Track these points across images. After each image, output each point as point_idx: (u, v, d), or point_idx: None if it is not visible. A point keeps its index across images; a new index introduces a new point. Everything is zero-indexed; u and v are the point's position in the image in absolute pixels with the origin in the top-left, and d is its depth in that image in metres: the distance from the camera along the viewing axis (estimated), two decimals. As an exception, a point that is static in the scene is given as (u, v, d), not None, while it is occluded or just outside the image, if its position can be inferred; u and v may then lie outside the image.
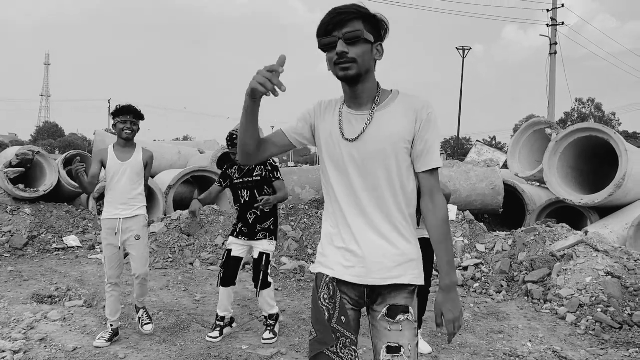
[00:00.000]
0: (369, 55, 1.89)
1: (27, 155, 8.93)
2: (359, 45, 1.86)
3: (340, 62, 1.86)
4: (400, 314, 1.94)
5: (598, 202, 8.34)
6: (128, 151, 4.29)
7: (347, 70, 1.86)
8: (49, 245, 8.09)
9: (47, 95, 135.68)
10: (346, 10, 1.87)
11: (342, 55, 1.85)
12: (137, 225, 4.33)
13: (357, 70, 1.86)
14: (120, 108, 4.22)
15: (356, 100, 1.96)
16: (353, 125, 1.95)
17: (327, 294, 1.97)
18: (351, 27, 1.85)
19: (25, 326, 4.51)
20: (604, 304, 5.22)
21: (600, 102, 60.15)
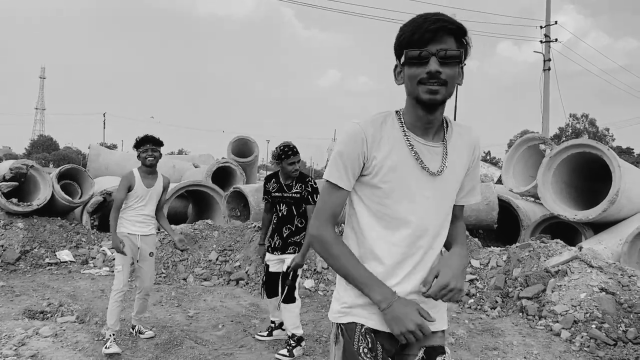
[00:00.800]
0: (456, 80, 1.65)
1: (21, 169, 8.89)
2: (453, 66, 1.61)
3: (430, 82, 1.60)
4: (438, 356, 1.80)
5: (592, 218, 8.37)
6: (152, 178, 4.74)
7: (436, 94, 1.61)
8: (42, 259, 8.02)
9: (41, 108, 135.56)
10: (444, 23, 1.60)
11: (434, 76, 1.59)
12: (152, 242, 4.84)
13: (444, 96, 1.63)
14: (140, 140, 4.66)
15: (428, 128, 1.73)
16: (432, 157, 1.73)
17: (366, 347, 1.71)
18: (448, 43, 1.60)
19: (16, 342, 4.46)
20: (599, 320, 5.22)
21: (594, 118, 60.64)
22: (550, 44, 24.70)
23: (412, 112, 1.72)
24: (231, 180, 12.13)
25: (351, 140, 1.70)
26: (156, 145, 4.69)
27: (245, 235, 8.20)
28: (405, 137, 1.72)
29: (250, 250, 7.73)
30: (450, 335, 5.19)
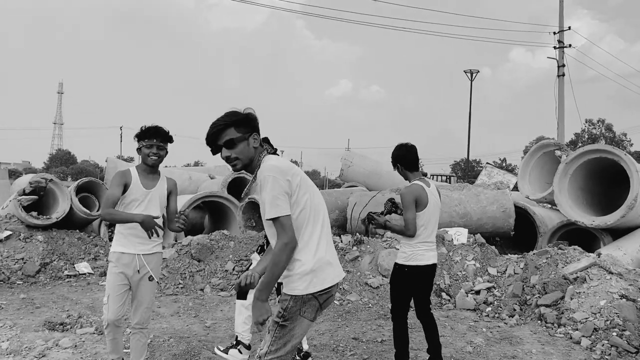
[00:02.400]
0: (246, 149, 2.61)
1: (40, 183, 9.04)
2: (236, 146, 2.59)
3: (229, 162, 2.63)
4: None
5: (610, 224, 8.27)
6: (153, 178, 3.82)
7: (235, 166, 2.64)
8: (61, 272, 8.13)
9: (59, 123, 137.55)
10: (219, 124, 2.59)
11: (228, 159, 2.61)
12: (154, 263, 3.85)
13: (242, 164, 2.63)
14: (145, 130, 3.73)
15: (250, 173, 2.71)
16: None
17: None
18: (225, 136, 2.58)
19: (36, 354, 4.53)
20: (619, 327, 5.15)
21: (610, 123, 59.94)
22: (564, 49, 24.55)
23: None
24: (246, 191, 12.17)
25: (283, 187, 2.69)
26: (164, 142, 3.78)
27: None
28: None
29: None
30: (468, 344, 5.15)
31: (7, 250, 8.13)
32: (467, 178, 37.57)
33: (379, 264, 7.53)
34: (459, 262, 7.35)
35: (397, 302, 4.24)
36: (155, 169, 3.85)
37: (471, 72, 32.49)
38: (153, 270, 3.82)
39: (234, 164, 2.61)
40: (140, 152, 3.76)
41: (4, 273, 7.68)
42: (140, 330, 3.89)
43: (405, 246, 4.16)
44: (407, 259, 4.12)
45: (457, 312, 6.38)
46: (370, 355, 4.87)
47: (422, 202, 4.08)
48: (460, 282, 7.03)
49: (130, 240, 3.72)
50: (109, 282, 3.77)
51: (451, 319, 6.11)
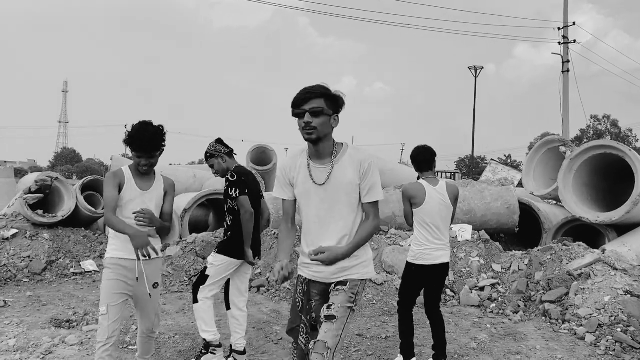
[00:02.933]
0: (327, 125, 2.69)
1: (46, 182, 9.09)
2: (320, 117, 2.65)
3: (306, 129, 2.66)
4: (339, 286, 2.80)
5: (615, 220, 8.25)
6: (148, 179, 3.57)
7: (311, 134, 2.67)
8: (67, 270, 8.18)
9: (64, 121, 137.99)
10: (313, 90, 2.66)
11: (307, 125, 2.65)
12: (156, 270, 3.61)
13: (317, 135, 2.68)
14: (131, 141, 3.39)
15: (318, 154, 2.76)
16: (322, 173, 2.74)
17: (301, 290, 2.93)
18: (314, 103, 2.64)
19: (43, 351, 4.57)
20: (624, 323, 5.15)
21: (616, 119, 59.63)
22: (569, 45, 24.46)
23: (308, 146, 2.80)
24: (251, 189, 12.19)
25: (281, 170, 2.91)
26: (153, 152, 3.45)
27: (265, 243, 8.26)
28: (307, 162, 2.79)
29: (271, 257, 7.78)
30: (472, 340, 5.16)
31: (14, 248, 8.18)
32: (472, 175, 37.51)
33: (383, 261, 7.54)
34: (463, 258, 7.35)
35: (404, 295, 4.37)
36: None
37: (475, 68, 32.39)
38: (155, 277, 3.58)
39: (310, 133, 2.65)
40: (133, 159, 3.51)
41: (11, 271, 7.73)
42: (150, 335, 3.73)
43: (415, 245, 4.29)
44: (415, 258, 4.25)
45: (462, 309, 6.39)
46: (374, 351, 4.89)
47: (417, 200, 4.22)
48: (464, 279, 7.04)
49: (128, 245, 3.33)
50: (106, 290, 3.41)
51: (455, 315, 6.11)
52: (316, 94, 2.65)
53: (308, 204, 2.79)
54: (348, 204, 2.74)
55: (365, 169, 2.73)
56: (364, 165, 2.73)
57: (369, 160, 2.74)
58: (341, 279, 2.78)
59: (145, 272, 3.47)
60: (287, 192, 2.86)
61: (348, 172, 2.72)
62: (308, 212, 2.80)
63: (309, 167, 2.77)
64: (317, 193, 2.74)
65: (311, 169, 2.76)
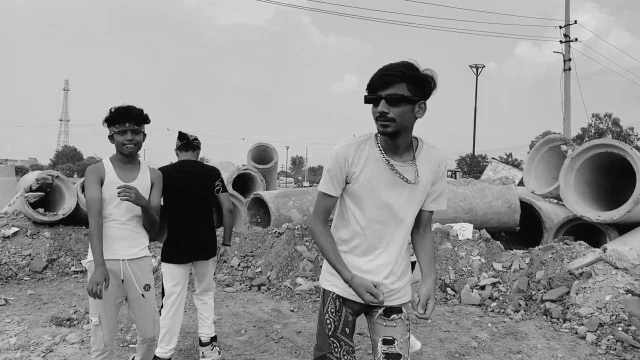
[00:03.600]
0: (408, 115, 2.14)
1: (47, 180, 9.09)
2: (400, 106, 2.10)
3: (380, 119, 2.13)
4: (394, 314, 2.38)
5: (616, 219, 8.24)
6: (132, 169, 3.23)
7: (386, 127, 2.14)
8: (68, 268, 8.18)
9: (65, 120, 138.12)
10: (393, 72, 2.09)
11: (382, 114, 2.11)
12: (144, 270, 3.26)
13: (395, 129, 2.14)
14: (114, 113, 3.11)
15: (394, 149, 2.26)
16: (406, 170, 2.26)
17: (333, 308, 2.38)
18: (394, 88, 2.09)
19: (44, 349, 4.57)
20: (625, 322, 5.14)
21: (617, 117, 59.62)
22: (571, 43, 24.42)
23: (382, 139, 2.27)
24: (251, 187, 12.22)
25: (335, 159, 2.28)
26: (139, 124, 3.15)
27: (266, 241, 8.26)
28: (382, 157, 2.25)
29: (272, 255, 7.78)
30: (473, 339, 5.16)
31: (15, 246, 8.19)
32: (473, 173, 37.49)
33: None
34: (464, 257, 7.35)
35: None
36: (132, 158, 3.22)
37: (477, 66, 32.34)
38: (145, 278, 3.25)
39: (385, 125, 2.13)
40: (113, 140, 3.15)
41: (12, 269, 7.74)
42: (150, 345, 3.42)
43: None
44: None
45: (462, 308, 6.39)
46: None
47: None
48: (465, 278, 7.03)
49: (113, 242, 3.11)
50: (94, 302, 3.08)
51: (456, 314, 6.11)
52: (397, 77, 2.09)
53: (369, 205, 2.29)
54: (416, 210, 2.35)
55: (442, 171, 2.35)
56: (441, 166, 2.34)
57: (445, 161, 2.37)
58: (394, 303, 2.37)
59: (132, 272, 3.17)
60: (338, 188, 2.31)
61: (425, 173, 2.29)
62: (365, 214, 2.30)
63: (388, 162, 2.24)
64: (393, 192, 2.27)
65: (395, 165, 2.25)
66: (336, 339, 2.33)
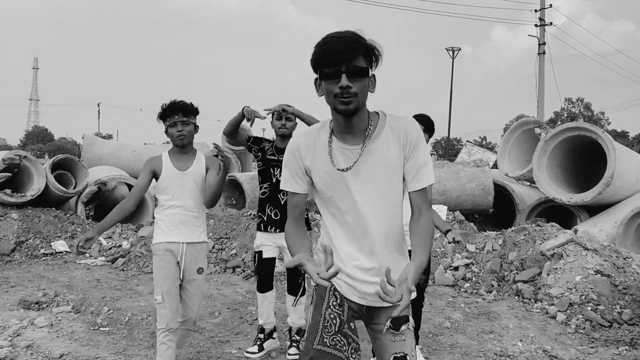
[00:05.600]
0: (367, 89, 1.92)
1: (14, 160, 8.83)
2: (362, 79, 1.87)
3: (343, 96, 1.86)
4: (403, 324, 2.07)
5: (587, 200, 8.38)
6: (187, 159, 3.45)
7: (349, 104, 1.87)
8: (37, 250, 8.00)
9: (35, 99, 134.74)
10: (351, 43, 1.85)
11: (345, 90, 1.84)
12: (201, 254, 3.48)
13: (357, 105, 1.89)
14: (165, 108, 3.38)
15: (349, 131, 1.99)
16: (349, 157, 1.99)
17: (335, 301, 2.05)
18: (356, 61, 1.85)
19: (11, 333, 4.45)
20: (594, 302, 5.24)
21: (589, 102, 60.59)
22: (545, 27, 24.62)
23: (335, 121, 2.00)
24: (226, 169, 12.09)
25: (289, 153, 2.08)
26: (187, 115, 3.38)
27: (241, 224, 8.19)
28: (329, 143, 2.01)
29: (247, 237, 7.72)
30: (446, 320, 5.20)
31: (-19, 228, 7.96)
32: (448, 156, 37.84)
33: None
34: (438, 239, 7.40)
35: None
36: (187, 148, 3.45)
37: (453, 49, 32.42)
38: (199, 261, 3.45)
39: (348, 101, 1.86)
40: (168, 135, 3.43)
41: (-22, 252, 7.53)
42: (187, 330, 3.62)
43: None
44: None
45: (436, 288, 6.44)
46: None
47: None
48: (439, 259, 7.09)
49: (171, 229, 3.36)
50: (158, 277, 3.34)
51: (430, 295, 6.16)
52: (355, 48, 1.85)
53: (337, 196, 2.03)
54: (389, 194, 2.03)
55: (414, 142, 2.00)
56: (410, 137, 2.00)
57: (416, 131, 2.02)
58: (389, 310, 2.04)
59: (189, 255, 3.39)
60: (300, 183, 2.07)
61: (390, 150, 1.99)
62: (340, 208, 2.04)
63: (330, 149, 2.00)
64: (347, 182, 2.00)
65: (334, 151, 2.00)
66: (343, 335, 2.00)
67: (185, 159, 3.44)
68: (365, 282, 2.05)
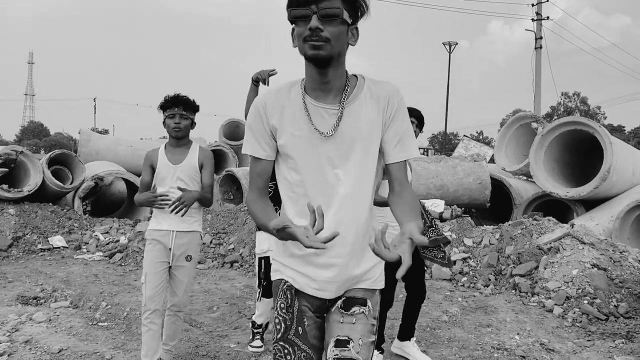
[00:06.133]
0: (343, 38, 1.69)
1: (10, 155, 8.81)
2: (335, 24, 1.65)
3: (312, 39, 1.64)
4: (355, 306, 1.83)
5: (584, 195, 8.41)
6: (181, 152, 3.57)
7: (319, 49, 1.65)
8: (34, 245, 7.99)
9: (31, 94, 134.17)
10: None
11: (315, 32, 1.63)
12: (192, 243, 3.58)
13: (329, 52, 1.66)
14: (167, 99, 3.51)
15: (324, 87, 1.74)
16: (325, 119, 1.75)
17: (283, 303, 1.84)
18: (329, 2, 1.64)
19: (9, 328, 4.45)
20: (590, 295, 5.27)
21: (585, 96, 60.72)
22: (542, 22, 24.62)
23: (308, 74, 1.75)
24: (223, 164, 12.09)
25: (253, 111, 1.80)
26: (187, 111, 3.51)
27: (239, 218, 8.20)
28: (303, 101, 1.75)
29: (245, 232, 7.73)
30: (443, 313, 5.23)
31: (-22, 224, 7.94)
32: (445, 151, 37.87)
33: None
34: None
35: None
36: (182, 140, 3.58)
37: (450, 44, 32.42)
38: (190, 249, 3.56)
39: (318, 45, 1.64)
40: (165, 125, 3.55)
41: (-25, 247, 7.52)
42: (176, 313, 3.65)
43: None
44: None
45: (433, 282, 6.46)
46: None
47: None
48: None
49: (163, 217, 3.51)
50: (145, 261, 3.53)
51: (427, 289, 6.17)
52: None
53: (304, 164, 1.77)
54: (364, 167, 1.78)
55: (396, 107, 1.78)
56: (392, 101, 1.78)
57: (398, 96, 1.79)
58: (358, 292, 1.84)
59: (179, 243, 3.52)
60: (265, 147, 1.81)
61: (369, 114, 1.76)
62: (303, 177, 1.78)
63: (306, 107, 1.76)
64: (319, 148, 1.75)
65: (310, 109, 1.75)
66: (287, 342, 1.79)
67: (179, 152, 3.57)
68: (324, 267, 1.78)
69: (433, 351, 4.28)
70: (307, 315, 1.83)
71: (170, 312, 3.65)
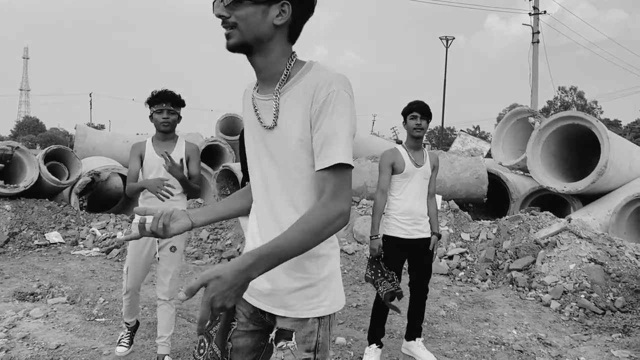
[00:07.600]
0: (259, 19, 1.45)
1: (6, 151, 8.77)
2: (242, 7, 1.45)
3: (223, 26, 1.49)
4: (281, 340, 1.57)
5: (581, 189, 8.42)
6: (168, 145, 3.68)
7: (227, 38, 1.49)
8: (31, 241, 7.96)
9: (26, 89, 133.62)
10: None
11: (223, 21, 1.48)
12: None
13: (240, 39, 1.47)
14: (154, 95, 3.59)
15: (260, 77, 1.58)
16: (266, 111, 1.57)
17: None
18: None
19: (6, 324, 4.44)
20: (587, 290, 5.28)
21: (582, 91, 60.82)
22: (539, 16, 24.59)
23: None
24: (220, 159, 12.06)
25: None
26: (175, 106, 3.61)
27: (236, 213, 8.19)
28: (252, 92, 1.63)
29: (241, 228, 7.73)
30: (441, 308, 5.23)
31: (-26, 220, 7.92)
32: (442, 145, 37.89)
33: (354, 231, 7.56)
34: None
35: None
36: (169, 134, 3.69)
37: (447, 38, 32.35)
38: (174, 240, 3.62)
39: (226, 33, 1.49)
40: (153, 120, 3.63)
41: (-29, 243, 7.49)
42: (166, 302, 3.68)
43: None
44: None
45: (431, 277, 6.47)
46: (345, 320, 4.91)
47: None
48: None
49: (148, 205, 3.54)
50: (129, 254, 3.69)
51: (425, 284, 6.19)
52: None
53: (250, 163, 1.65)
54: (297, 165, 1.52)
55: (322, 102, 1.44)
56: (319, 93, 1.45)
57: (328, 87, 1.44)
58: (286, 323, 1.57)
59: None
60: None
61: (297, 108, 1.49)
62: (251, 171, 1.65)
63: (252, 99, 1.61)
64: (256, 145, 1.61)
65: (255, 101, 1.60)
66: (207, 336, 1.66)
67: (166, 145, 3.68)
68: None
69: (431, 346, 4.29)
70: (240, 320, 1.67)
71: (160, 301, 3.69)
